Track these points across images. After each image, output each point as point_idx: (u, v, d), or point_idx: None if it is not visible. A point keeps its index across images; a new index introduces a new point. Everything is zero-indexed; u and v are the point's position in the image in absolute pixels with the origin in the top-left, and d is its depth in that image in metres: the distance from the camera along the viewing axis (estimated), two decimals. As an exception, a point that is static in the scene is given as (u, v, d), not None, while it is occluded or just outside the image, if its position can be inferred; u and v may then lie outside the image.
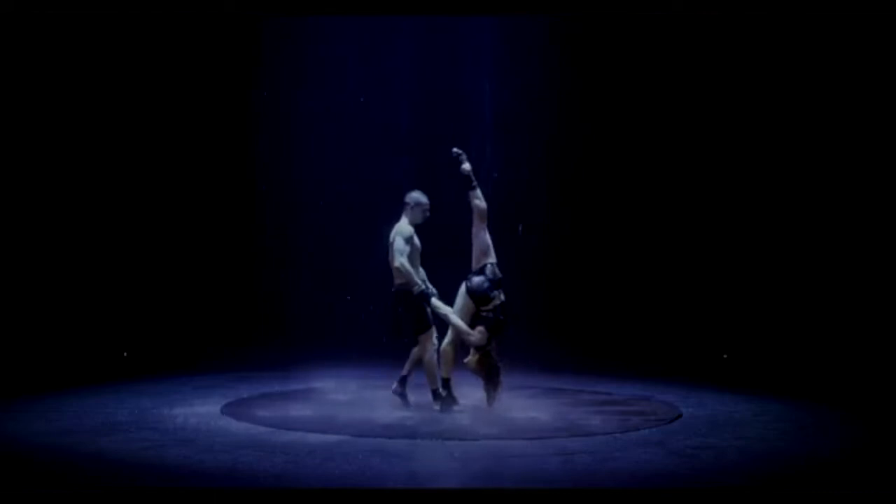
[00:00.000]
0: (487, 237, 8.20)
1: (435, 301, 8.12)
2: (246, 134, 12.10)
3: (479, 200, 8.22)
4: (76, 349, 10.65)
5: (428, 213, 8.35)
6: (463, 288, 8.19)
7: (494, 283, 8.11)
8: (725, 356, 11.17)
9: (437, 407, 8.13)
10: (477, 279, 8.12)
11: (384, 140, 12.10)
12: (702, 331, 11.44)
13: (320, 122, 12.00)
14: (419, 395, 8.42)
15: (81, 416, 7.77)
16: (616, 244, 12.11)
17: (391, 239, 8.25)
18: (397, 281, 8.25)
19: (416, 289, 8.11)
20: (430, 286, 8.28)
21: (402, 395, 8.36)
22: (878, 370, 9.91)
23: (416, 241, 8.29)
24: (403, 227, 8.26)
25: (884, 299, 10.63)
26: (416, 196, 8.34)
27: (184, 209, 11.91)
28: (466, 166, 8.28)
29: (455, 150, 8.34)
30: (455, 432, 7.29)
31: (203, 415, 7.88)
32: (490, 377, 8.08)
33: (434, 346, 8.24)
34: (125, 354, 11.02)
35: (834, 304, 10.91)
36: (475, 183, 8.26)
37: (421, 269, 8.37)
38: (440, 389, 8.18)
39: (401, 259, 8.12)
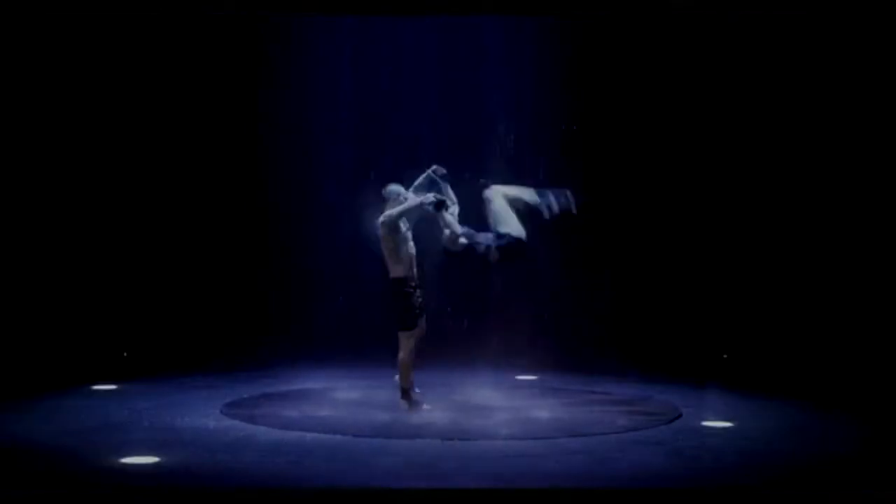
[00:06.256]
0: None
1: (446, 215, 7.97)
2: (248, 136, 12.08)
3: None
4: (76, 349, 10.65)
5: None
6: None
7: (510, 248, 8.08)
8: (726, 356, 11.17)
9: (405, 406, 7.99)
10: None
11: (384, 141, 12.11)
12: (702, 331, 11.43)
13: (321, 124, 12.00)
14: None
15: (81, 416, 7.77)
16: (616, 244, 12.09)
17: (383, 223, 7.93)
18: (393, 274, 8.00)
19: (429, 197, 7.90)
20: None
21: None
22: (878, 370, 9.90)
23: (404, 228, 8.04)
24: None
25: (884, 299, 10.63)
26: (396, 188, 8.06)
27: (183, 209, 11.89)
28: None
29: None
30: (455, 432, 7.28)
31: (203, 415, 7.87)
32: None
33: (411, 347, 7.99)
34: (125, 354, 11.04)
35: (834, 304, 10.90)
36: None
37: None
38: (411, 390, 8.07)
39: (401, 206, 7.93)
